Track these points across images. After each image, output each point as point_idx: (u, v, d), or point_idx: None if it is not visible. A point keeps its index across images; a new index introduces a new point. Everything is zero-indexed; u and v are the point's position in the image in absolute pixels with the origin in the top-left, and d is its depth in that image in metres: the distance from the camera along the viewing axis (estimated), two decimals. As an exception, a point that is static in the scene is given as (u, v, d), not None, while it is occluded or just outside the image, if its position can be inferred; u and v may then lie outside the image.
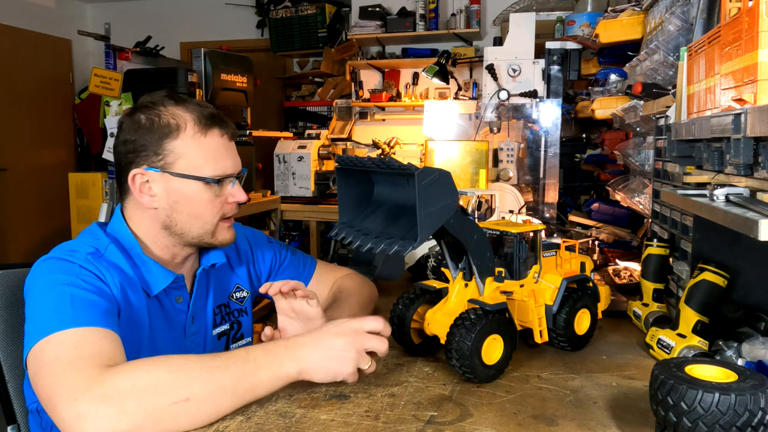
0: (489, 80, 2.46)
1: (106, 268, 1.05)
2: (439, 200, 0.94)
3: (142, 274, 1.11)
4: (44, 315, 0.94)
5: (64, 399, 0.83)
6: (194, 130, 1.11)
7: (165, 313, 1.15)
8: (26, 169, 5.31)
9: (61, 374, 0.85)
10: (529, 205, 2.48)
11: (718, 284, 1.08)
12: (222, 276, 1.29)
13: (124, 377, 0.84)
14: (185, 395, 0.84)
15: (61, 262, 1.03)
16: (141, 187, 1.11)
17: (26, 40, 5.31)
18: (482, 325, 0.99)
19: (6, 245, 5.14)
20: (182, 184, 1.11)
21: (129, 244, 1.13)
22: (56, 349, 0.89)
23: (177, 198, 1.12)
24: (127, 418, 0.81)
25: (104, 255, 1.08)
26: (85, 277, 1.01)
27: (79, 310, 0.94)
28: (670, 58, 1.49)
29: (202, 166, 1.11)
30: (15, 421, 1.20)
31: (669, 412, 0.75)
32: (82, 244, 1.08)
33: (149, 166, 1.10)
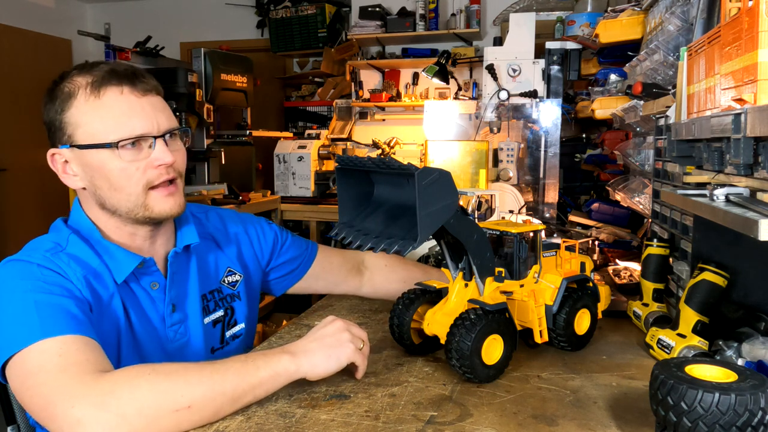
0: (489, 80, 2.46)
1: (66, 264, 0.97)
2: (439, 200, 0.94)
3: (106, 260, 1.03)
4: (12, 327, 0.87)
5: (60, 407, 0.80)
6: (86, 94, 0.99)
7: (138, 302, 1.07)
8: (26, 169, 5.30)
9: (53, 382, 0.82)
10: (529, 205, 2.48)
11: (718, 284, 1.08)
12: (209, 259, 1.21)
13: (122, 383, 0.83)
14: (186, 402, 0.83)
15: (18, 265, 0.96)
16: (63, 167, 1.03)
17: (26, 40, 5.31)
18: (482, 325, 0.99)
19: (6, 245, 5.14)
20: (90, 156, 1.00)
21: (88, 231, 1.05)
22: (39, 360, 0.84)
23: (92, 172, 1.01)
24: (127, 424, 0.79)
25: (65, 249, 1.00)
26: (46, 278, 0.94)
27: (47, 318, 0.88)
28: (670, 58, 1.49)
29: (101, 132, 0.99)
30: (15, 421, 1.20)
31: (669, 412, 0.75)
32: (43, 241, 1.02)
33: (61, 144, 1.02)
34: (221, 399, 0.87)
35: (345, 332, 0.99)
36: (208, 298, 1.20)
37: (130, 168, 1.01)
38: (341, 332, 0.99)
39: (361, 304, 1.54)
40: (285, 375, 0.93)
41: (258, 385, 0.91)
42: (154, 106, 1.04)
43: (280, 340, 1.26)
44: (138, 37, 4.07)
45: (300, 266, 1.38)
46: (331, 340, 0.98)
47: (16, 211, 5.22)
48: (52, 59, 5.58)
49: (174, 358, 1.11)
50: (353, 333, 1.01)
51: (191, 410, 0.84)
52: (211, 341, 1.20)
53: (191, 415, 0.84)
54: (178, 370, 0.87)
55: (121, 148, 0.99)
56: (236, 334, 1.25)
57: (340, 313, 1.46)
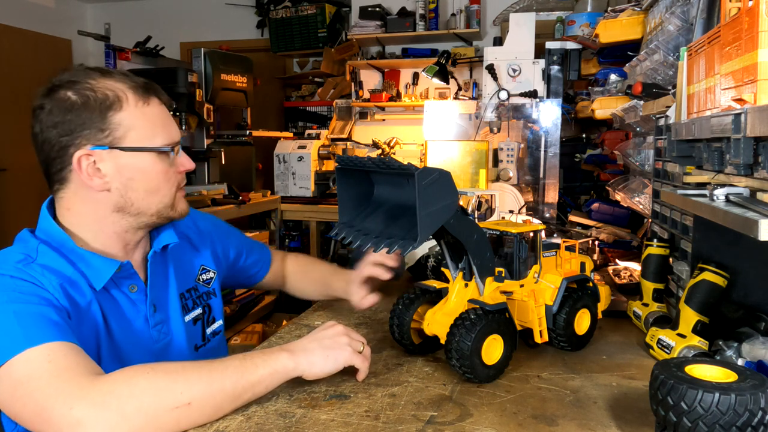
0: (489, 80, 2.46)
1: (40, 274, 0.95)
2: (439, 200, 0.94)
3: (82, 268, 1.01)
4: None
5: (57, 410, 0.79)
6: (136, 100, 1.03)
7: (119, 306, 1.06)
8: (26, 169, 5.30)
9: (47, 387, 0.81)
10: (529, 205, 2.48)
11: (718, 284, 1.08)
12: (184, 259, 1.22)
13: (121, 382, 0.83)
14: (186, 399, 0.84)
15: None
16: (88, 169, 1.00)
17: (26, 40, 5.31)
18: (482, 325, 0.99)
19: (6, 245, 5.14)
20: (135, 159, 1.03)
21: (60, 240, 1.02)
22: (27, 368, 0.83)
23: (131, 174, 1.03)
24: (128, 422, 0.79)
25: (36, 259, 0.98)
26: (21, 289, 0.92)
27: (28, 327, 0.86)
28: (670, 58, 1.49)
29: (152, 137, 1.04)
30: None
31: (669, 412, 0.75)
32: (11, 253, 0.99)
33: (95, 145, 1.00)
34: (221, 396, 0.87)
35: (343, 336, 1.01)
36: (186, 297, 1.20)
37: (169, 171, 1.08)
38: (340, 336, 1.01)
39: (361, 304, 1.54)
40: (283, 372, 0.94)
41: (257, 383, 0.91)
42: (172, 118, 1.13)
43: (280, 340, 1.26)
44: (138, 37, 4.07)
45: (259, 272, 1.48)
46: (330, 342, 0.99)
47: (16, 211, 5.22)
48: (52, 59, 5.58)
49: (159, 358, 1.10)
50: (352, 337, 1.02)
51: (191, 407, 0.84)
52: (193, 339, 1.20)
53: (191, 412, 0.84)
54: (177, 369, 0.87)
55: (164, 153, 1.06)
56: (216, 330, 1.27)
57: (340, 313, 1.46)
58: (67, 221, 1.05)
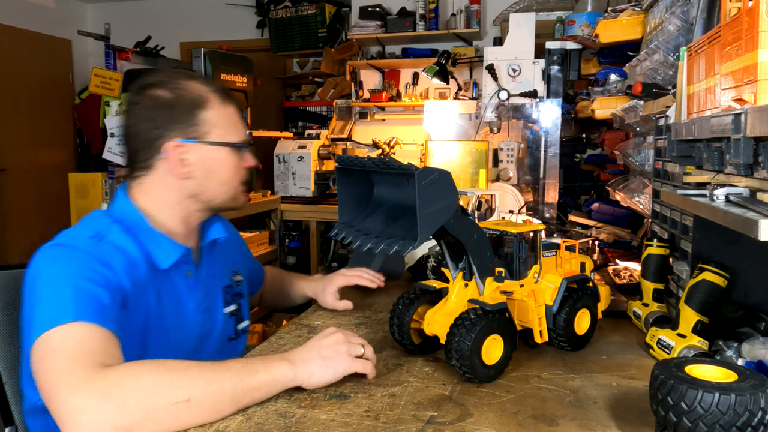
0: (489, 80, 2.46)
1: (109, 251, 1.03)
2: (439, 200, 0.94)
3: (151, 249, 1.11)
4: (47, 307, 0.93)
5: (64, 392, 0.83)
6: (218, 102, 1.17)
7: (176, 288, 1.15)
8: (26, 169, 5.31)
9: (63, 367, 0.86)
10: (529, 205, 2.49)
11: (718, 284, 1.08)
12: (225, 258, 1.32)
13: (126, 375, 0.85)
14: (186, 396, 0.85)
15: (63, 249, 1.01)
16: (177, 158, 1.13)
17: (26, 40, 5.31)
18: (482, 325, 0.99)
19: (6, 245, 5.14)
20: (216, 152, 1.16)
21: (135, 220, 1.13)
22: (61, 341, 0.89)
23: (211, 166, 1.16)
24: (127, 415, 0.81)
25: (106, 237, 1.06)
26: (88, 265, 0.99)
27: (82, 304, 0.93)
28: (670, 58, 1.49)
29: (230, 134, 1.18)
30: (12, 422, 1.19)
31: (669, 412, 0.75)
32: (83, 229, 1.07)
33: (184, 138, 1.13)
34: (220, 396, 0.88)
35: (343, 344, 1.00)
36: (225, 291, 1.29)
37: (239, 165, 1.21)
38: (339, 344, 1.00)
39: (361, 304, 1.54)
40: (282, 381, 0.94)
41: (256, 388, 0.92)
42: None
43: (280, 339, 1.26)
44: (138, 37, 4.07)
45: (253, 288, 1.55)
46: (329, 351, 0.99)
47: (16, 211, 5.22)
48: (52, 59, 5.58)
49: (201, 342, 1.20)
50: (352, 342, 1.02)
51: (190, 404, 0.85)
52: (228, 331, 1.28)
53: (190, 409, 0.85)
54: (180, 367, 0.89)
55: (238, 148, 1.19)
56: (244, 328, 1.34)
57: (340, 313, 1.46)
58: (143, 204, 1.16)
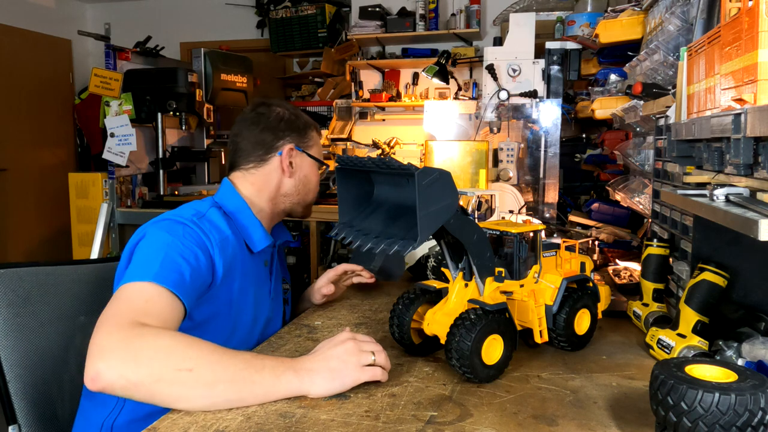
0: (489, 80, 2.46)
1: (208, 228, 1.20)
2: (439, 200, 0.94)
3: (248, 232, 1.31)
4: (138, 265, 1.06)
5: (104, 329, 0.93)
6: (317, 130, 1.51)
7: (258, 271, 1.35)
8: (26, 169, 5.31)
9: (117, 311, 0.97)
10: (529, 205, 2.49)
11: (718, 284, 1.08)
12: (282, 263, 1.52)
13: (152, 336, 0.93)
14: (190, 366, 0.90)
15: (168, 222, 1.17)
16: (287, 158, 1.39)
17: (26, 40, 5.31)
18: (482, 325, 0.99)
19: (6, 245, 5.14)
20: (312, 164, 1.45)
21: (241, 207, 1.33)
22: (132, 292, 1.01)
23: (307, 173, 1.44)
24: (135, 370, 0.88)
25: (206, 215, 1.23)
26: (185, 241, 1.13)
27: (165, 270, 1.05)
28: (670, 58, 1.49)
29: (318, 154, 1.48)
30: (16, 420, 1.20)
31: (669, 412, 0.75)
32: (187, 209, 1.24)
33: (297, 146, 1.42)
34: (221, 375, 0.91)
35: (354, 355, 0.98)
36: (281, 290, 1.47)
37: (318, 179, 1.49)
38: (349, 355, 0.98)
39: (360, 304, 1.54)
40: (285, 388, 0.94)
41: (258, 384, 0.92)
42: None
43: (280, 339, 1.26)
44: (138, 37, 4.08)
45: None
46: (337, 362, 0.97)
47: (16, 211, 5.22)
48: (52, 59, 5.58)
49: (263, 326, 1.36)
50: (363, 350, 0.99)
51: (191, 374, 0.90)
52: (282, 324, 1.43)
53: (189, 378, 0.89)
54: (197, 341, 0.95)
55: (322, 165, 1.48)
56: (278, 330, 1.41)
57: (340, 313, 1.46)
58: (247, 193, 1.37)
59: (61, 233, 4.94)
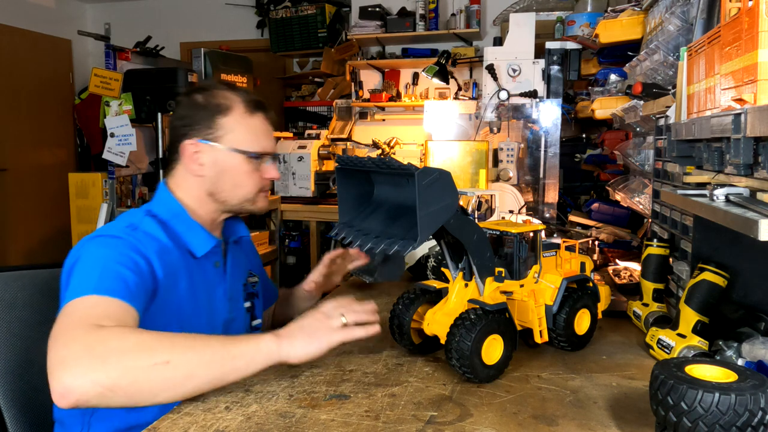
0: (489, 80, 2.46)
1: (142, 239, 1.12)
2: (439, 200, 0.94)
3: (189, 238, 1.21)
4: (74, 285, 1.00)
5: (58, 343, 0.88)
6: (241, 111, 1.25)
7: (206, 275, 1.25)
8: (26, 169, 5.30)
9: (69, 324, 0.91)
10: (529, 205, 2.48)
11: (718, 284, 1.08)
12: (243, 257, 1.40)
13: (113, 335, 0.90)
14: (165, 359, 0.88)
15: (100, 239, 1.10)
16: (192, 156, 1.23)
17: (26, 40, 5.31)
18: (482, 325, 0.99)
19: (6, 245, 5.14)
20: (228, 156, 1.24)
21: (177, 211, 1.23)
22: (75, 306, 0.96)
23: (222, 168, 1.24)
24: (106, 371, 0.84)
25: (140, 227, 1.15)
26: (121, 250, 1.07)
27: (105, 280, 1.00)
28: (670, 58, 1.49)
29: (245, 142, 1.24)
30: (6, 428, 1.18)
31: (669, 412, 0.75)
32: (119, 222, 1.18)
33: (201, 139, 1.23)
34: (198, 360, 0.90)
35: (331, 318, 1.01)
36: (244, 288, 1.37)
37: (254, 174, 1.27)
38: (327, 318, 1.01)
39: (361, 304, 1.54)
40: (265, 352, 0.95)
41: (238, 356, 0.93)
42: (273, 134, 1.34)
43: (280, 340, 1.26)
44: (138, 37, 4.07)
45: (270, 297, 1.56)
46: (315, 324, 1.00)
47: (16, 211, 5.21)
48: (52, 59, 5.58)
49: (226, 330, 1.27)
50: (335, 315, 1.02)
51: (167, 366, 0.87)
52: (246, 324, 1.36)
53: (166, 370, 0.87)
54: (168, 334, 0.93)
55: (255, 158, 1.26)
56: (256, 326, 1.39)
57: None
58: (180, 195, 1.26)
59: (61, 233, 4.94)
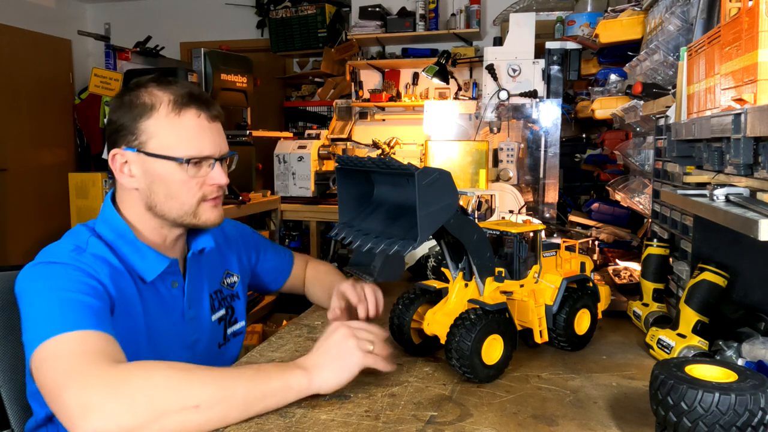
0: (489, 80, 2.46)
1: (92, 262, 1.02)
2: (439, 200, 0.94)
3: (136, 261, 1.09)
4: (37, 324, 0.91)
5: (73, 388, 0.81)
6: (167, 110, 1.08)
7: (161, 299, 1.14)
8: (26, 169, 5.30)
9: (72, 364, 0.85)
10: (529, 205, 2.49)
11: (718, 284, 1.08)
12: (213, 262, 1.28)
13: (137, 374, 0.84)
14: (195, 402, 0.83)
15: (45, 266, 1.00)
16: (121, 167, 1.10)
17: (26, 40, 5.31)
18: (482, 325, 0.99)
19: (6, 245, 5.14)
20: (156, 164, 1.08)
21: (122, 231, 1.10)
22: (58, 347, 0.87)
23: (152, 178, 1.09)
24: (134, 415, 0.80)
25: (87, 249, 1.05)
26: (71, 276, 0.98)
27: (70, 313, 0.91)
28: (670, 58, 1.49)
29: (174, 146, 1.08)
30: (9, 426, 1.19)
31: (669, 412, 0.75)
32: (63, 244, 1.06)
33: (126, 146, 1.09)
34: (230, 403, 0.86)
35: (350, 339, 0.96)
36: (213, 298, 1.27)
37: (191, 182, 1.11)
38: (346, 340, 0.96)
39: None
40: (297, 389, 0.92)
41: (269, 395, 0.89)
42: (219, 132, 1.15)
43: (280, 339, 1.26)
44: (138, 37, 4.07)
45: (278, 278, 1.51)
46: (337, 350, 0.96)
47: (16, 211, 5.21)
48: (52, 59, 5.58)
49: (191, 350, 1.18)
50: (359, 338, 0.98)
51: (198, 410, 0.83)
52: (217, 337, 1.26)
53: (198, 415, 0.83)
54: (193, 370, 0.87)
55: (187, 164, 1.09)
56: (237, 331, 1.32)
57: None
58: (123, 212, 1.13)
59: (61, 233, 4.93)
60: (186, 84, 1.14)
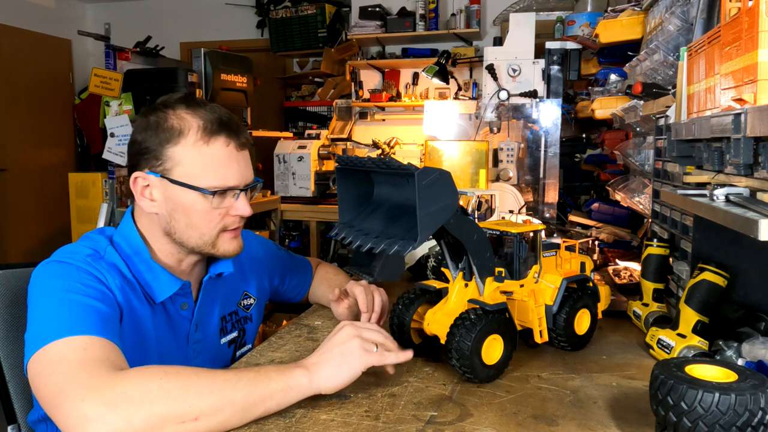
0: (489, 80, 2.46)
1: (106, 270, 1.02)
2: (439, 200, 0.94)
3: (148, 280, 1.08)
4: (43, 323, 0.91)
5: (70, 398, 0.81)
6: (196, 137, 1.05)
7: (169, 320, 1.13)
8: (26, 169, 5.31)
9: (70, 373, 0.83)
10: (529, 205, 2.48)
11: (718, 284, 1.08)
12: (231, 284, 1.27)
13: (135, 385, 0.82)
14: (195, 414, 0.82)
15: (60, 265, 1.00)
16: (142, 190, 1.08)
17: (26, 40, 5.31)
18: (482, 325, 0.99)
19: (6, 245, 5.14)
20: (179, 192, 1.06)
21: (137, 248, 1.09)
22: (62, 351, 0.87)
23: (174, 206, 1.07)
24: (131, 428, 0.79)
25: (104, 257, 1.05)
26: (84, 281, 0.98)
27: (78, 317, 0.91)
28: (670, 58, 1.49)
29: (200, 176, 1.06)
30: (15, 420, 1.21)
31: (669, 412, 0.75)
32: (80, 247, 1.05)
33: (150, 170, 1.07)
34: (230, 409, 0.84)
35: (354, 339, 0.95)
36: (227, 320, 1.26)
37: (213, 213, 1.08)
38: (350, 339, 0.95)
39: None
40: (297, 389, 0.90)
41: (269, 397, 0.88)
42: (246, 160, 1.12)
43: (280, 340, 1.26)
44: (138, 37, 4.07)
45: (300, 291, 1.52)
46: (341, 349, 0.94)
47: (16, 211, 5.22)
48: (52, 59, 5.58)
49: None
50: (364, 338, 0.96)
51: (198, 422, 0.82)
52: (224, 360, 1.25)
53: (197, 426, 0.82)
54: (190, 378, 0.85)
55: (212, 195, 1.06)
56: (245, 353, 1.28)
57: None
58: (143, 229, 1.12)
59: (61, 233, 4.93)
60: (215, 108, 1.10)
